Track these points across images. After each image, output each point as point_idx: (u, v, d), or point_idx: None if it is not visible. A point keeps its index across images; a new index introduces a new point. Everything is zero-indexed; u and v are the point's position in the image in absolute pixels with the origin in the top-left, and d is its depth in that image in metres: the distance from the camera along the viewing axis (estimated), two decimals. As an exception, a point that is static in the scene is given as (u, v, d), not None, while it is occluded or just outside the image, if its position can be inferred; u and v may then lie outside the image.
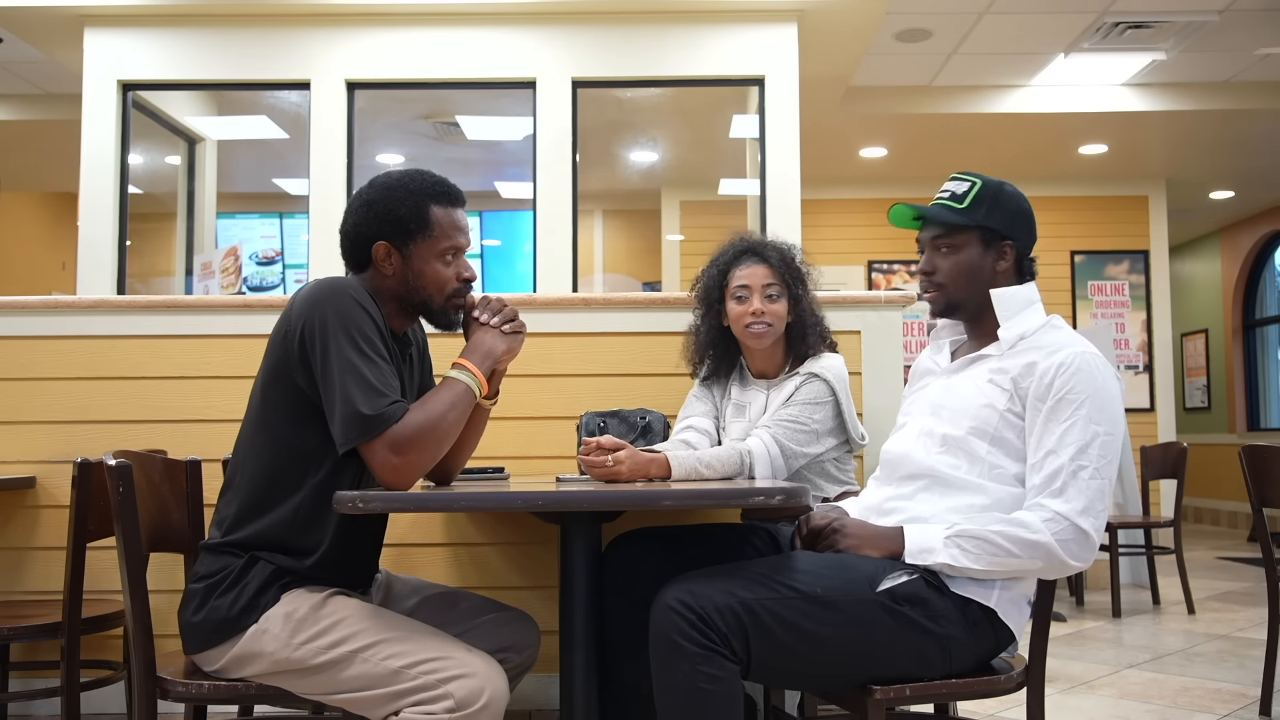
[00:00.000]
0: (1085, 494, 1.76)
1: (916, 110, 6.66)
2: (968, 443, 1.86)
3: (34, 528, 2.98)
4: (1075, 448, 1.77)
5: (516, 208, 6.82)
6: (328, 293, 1.81)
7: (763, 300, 2.41)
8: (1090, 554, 1.78)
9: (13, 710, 2.95)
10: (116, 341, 3.02)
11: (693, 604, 1.65)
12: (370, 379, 1.73)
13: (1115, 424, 1.80)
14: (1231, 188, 8.70)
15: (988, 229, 1.94)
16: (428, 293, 1.92)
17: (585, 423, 2.73)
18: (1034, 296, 1.96)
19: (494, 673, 1.71)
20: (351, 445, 1.71)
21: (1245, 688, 3.39)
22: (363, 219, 1.91)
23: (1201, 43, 5.76)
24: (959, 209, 1.94)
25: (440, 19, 4.97)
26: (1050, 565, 1.77)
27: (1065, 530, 1.75)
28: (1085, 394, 1.79)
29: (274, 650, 1.75)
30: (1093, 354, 1.83)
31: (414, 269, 1.91)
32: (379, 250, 1.90)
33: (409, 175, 1.93)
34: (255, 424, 1.87)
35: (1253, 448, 3.05)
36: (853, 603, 1.72)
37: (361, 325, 1.78)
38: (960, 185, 1.97)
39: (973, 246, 1.94)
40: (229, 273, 4.92)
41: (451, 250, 1.93)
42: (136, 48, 4.96)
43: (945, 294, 1.97)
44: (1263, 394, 9.74)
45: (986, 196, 1.94)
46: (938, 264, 1.97)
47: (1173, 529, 5.12)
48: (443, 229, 1.91)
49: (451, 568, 2.95)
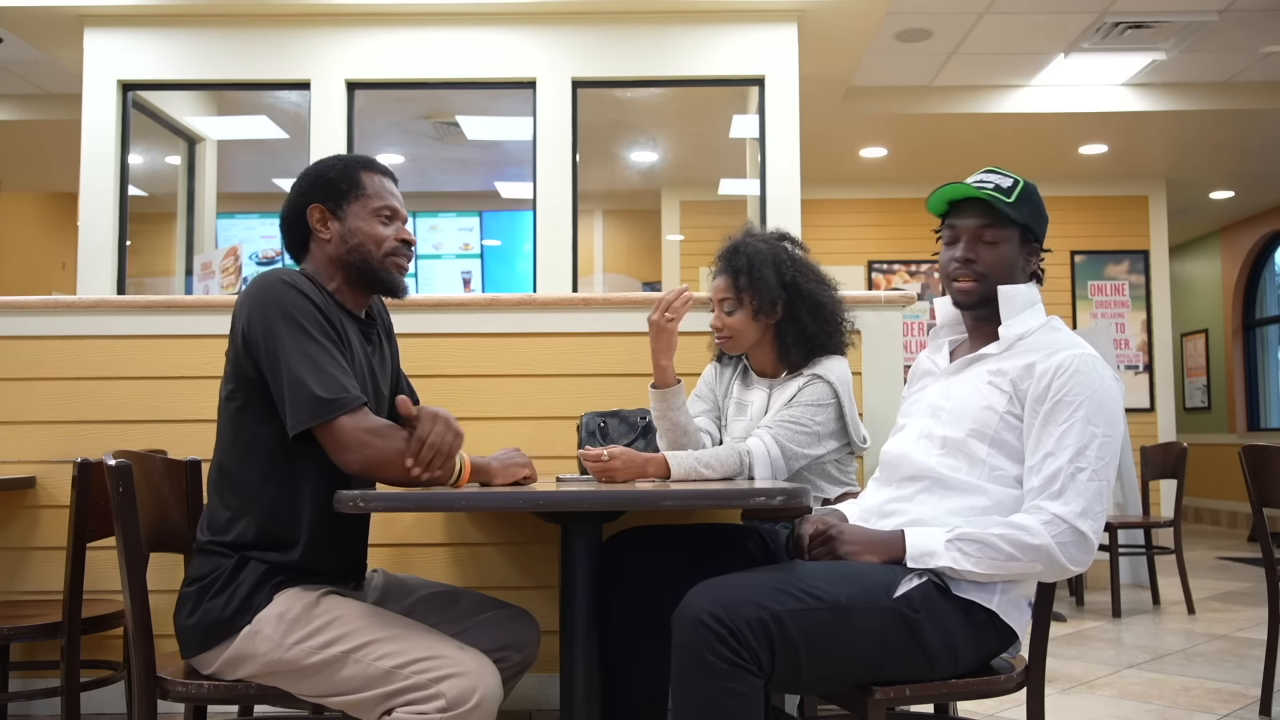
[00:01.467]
0: (1084, 496, 1.75)
1: (916, 110, 6.66)
2: (967, 445, 1.86)
3: (34, 528, 2.98)
4: (1073, 450, 1.77)
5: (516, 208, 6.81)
6: (264, 284, 1.83)
7: (720, 315, 2.44)
8: (1089, 557, 1.78)
9: (13, 710, 2.95)
10: (116, 341, 3.02)
11: (724, 618, 1.63)
12: (319, 361, 1.75)
13: (1114, 425, 1.80)
14: (1231, 188, 8.70)
15: (1028, 228, 1.93)
16: (366, 249, 1.94)
17: (585, 423, 2.73)
18: (1036, 298, 1.95)
19: (486, 671, 1.71)
20: (305, 426, 1.72)
21: (1245, 688, 3.39)
22: (295, 192, 1.97)
23: (1201, 43, 5.76)
24: (1008, 202, 1.91)
25: (440, 19, 4.97)
26: (1050, 568, 1.77)
27: (1064, 533, 1.75)
28: (1084, 396, 1.78)
29: (267, 651, 1.76)
30: (1092, 356, 1.83)
31: (350, 228, 1.94)
32: (314, 214, 1.94)
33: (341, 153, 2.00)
34: (223, 422, 1.90)
35: (1253, 448, 3.05)
36: (873, 610, 1.72)
37: (302, 309, 1.79)
38: (1004, 180, 1.93)
39: (1014, 243, 1.93)
40: (229, 273, 4.91)
41: (386, 210, 1.96)
42: (136, 48, 4.96)
43: (985, 284, 1.93)
44: (1263, 394, 9.74)
45: (1030, 196, 1.92)
46: (981, 253, 1.92)
47: (1173, 529, 5.12)
48: (374, 189, 1.96)
49: (452, 567, 2.95)
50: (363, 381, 1.89)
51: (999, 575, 1.78)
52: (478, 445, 2.12)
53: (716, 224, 7.22)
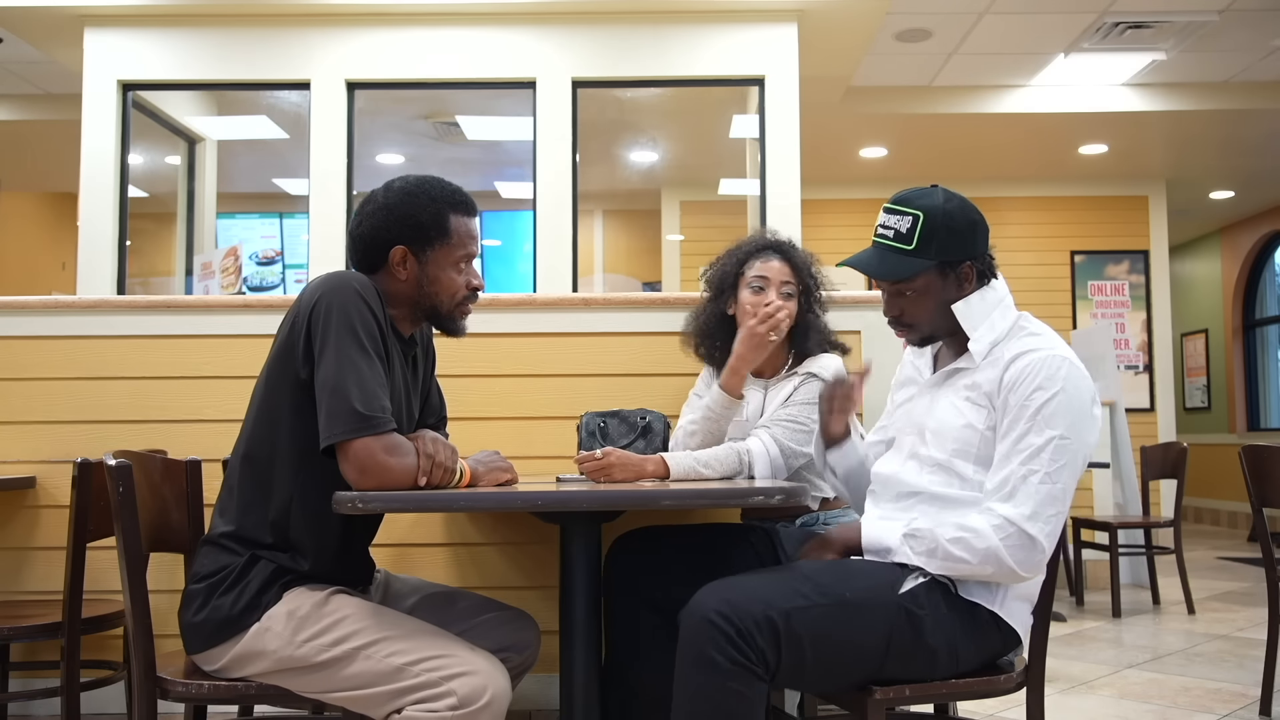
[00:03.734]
0: (1033, 499, 1.73)
1: (916, 110, 6.66)
2: (954, 465, 1.85)
3: (34, 528, 2.98)
4: (1027, 453, 1.75)
5: (516, 208, 6.82)
6: (338, 285, 1.81)
7: (779, 295, 2.41)
8: (1038, 562, 1.75)
9: (13, 710, 2.96)
10: (116, 341, 3.02)
11: (733, 617, 1.62)
12: (368, 378, 1.74)
13: (1075, 428, 1.76)
14: (1231, 188, 8.70)
15: (944, 262, 1.87)
16: (439, 299, 1.95)
17: (585, 423, 2.73)
18: (998, 296, 1.90)
19: (496, 671, 1.72)
20: (335, 440, 1.71)
21: (1245, 688, 3.39)
22: (382, 223, 1.92)
23: (1201, 43, 5.76)
24: (908, 251, 1.85)
25: (440, 19, 4.97)
26: (999, 571, 1.75)
27: (1012, 536, 1.73)
28: (1044, 398, 1.76)
29: (276, 648, 1.76)
30: (1058, 356, 1.80)
31: (429, 275, 1.93)
32: (396, 254, 1.91)
33: (429, 182, 1.95)
34: (256, 416, 1.88)
35: (1253, 448, 3.05)
36: (878, 606, 1.72)
37: (366, 322, 1.79)
38: (902, 221, 1.85)
39: (933, 283, 1.87)
40: (229, 273, 4.91)
41: (465, 258, 1.96)
42: (136, 48, 4.96)
43: (918, 331, 1.93)
44: (1263, 394, 9.74)
45: (935, 229, 1.84)
46: (904, 308, 1.91)
47: (1173, 529, 5.12)
48: (459, 238, 1.94)
49: (451, 568, 2.95)
50: (397, 407, 1.88)
51: (954, 575, 1.78)
52: (477, 445, 2.12)
53: (716, 224, 7.23)
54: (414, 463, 1.74)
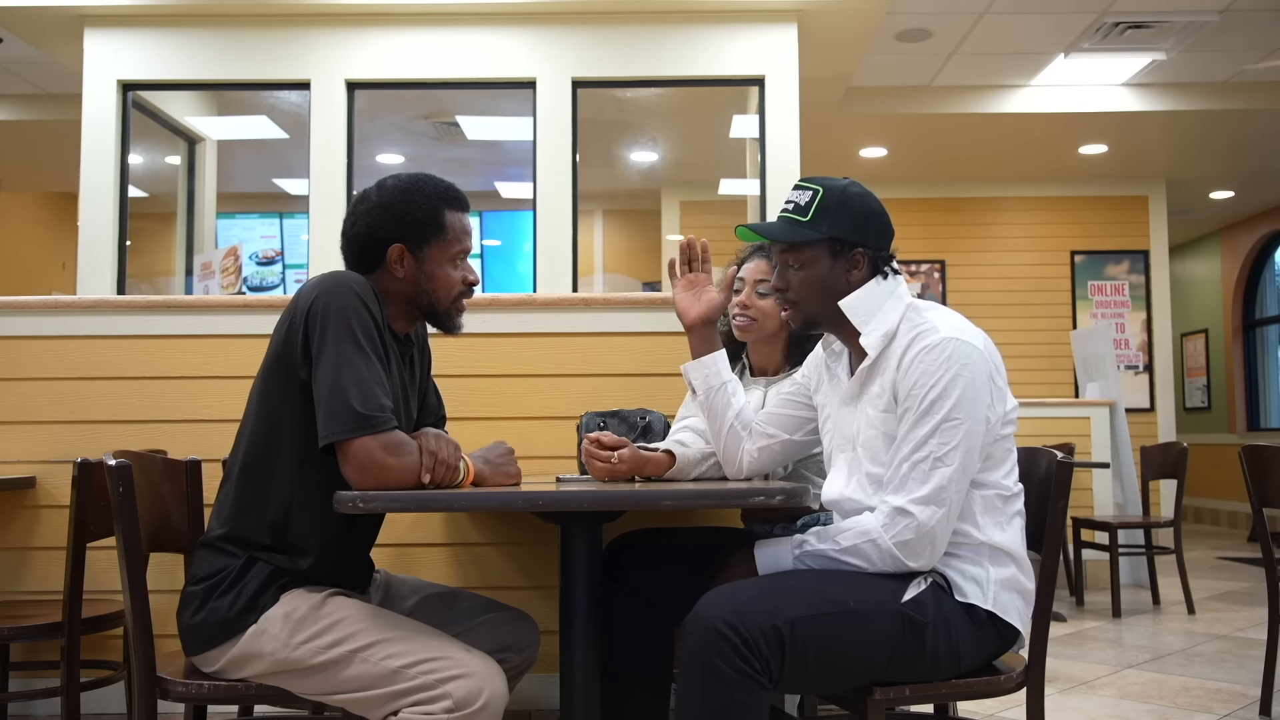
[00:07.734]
0: (923, 483, 1.73)
1: (916, 110, 6.66)
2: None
3: (34, 528, 2.98)
4: (914, 442, 1.75)
5: (516, 208, 6.83)
6: (334, 285, 1.81)
7: (751, 294, 2.42)
8: (929, 546, 1.74)
9: (13, 710, 2.95)
10: (116, 341, 3.02)
11: (739, 626, 1.62)
12: (366, 377, 1.74)
13: (964, 407, 1.74)
14: (1231, 188, 8.70)
15: (835, 239, 1.87)
16: (436, 295, 1.95)
17: (585, 423, 2.73)
18: (888, 290, 1.89)
19: (493, 673, 1.71)
20: (334, 439, 1.71)
21: (1245, 688, 3.39)
22: (377, 221, 1.92)
23: (1201, 43, 5.76)
24: (803, 222, 1.87)
25: (440, 19, 4.97)
26: (897, 567, 1.76)
27: (898, 525, 1.73)
28: (929, 384, 1.75)
29: (273, 650, 1.75)
30: (946, 339, 1.77)
31: (426, 272, 1.93)
32: (393, 252, 1.91)
33: (422, 179, 1.96)
34: (254, 418, 1.87)
35: (1253, 448, 3.05)
36: (882, 614, 1.72)
37: (364, 321, 1.79)
38: (803, 195, 1.89)
39: (821, 259, 1.88)
40: (229, 273, 4.92)
41: (461, 254, 1.97)
42: (136, 48, 4.96)
43: (800, 310, 1.92)
44: (1263, 394, 9.74)
45: (830, 205, 1.86)
46: (789, 279, 1.91)
47: (1173, 529, 5.12)
48: (455, 233, 1.95)
49: (451, 568, 2.95)
50: (395, 407, 1.88)
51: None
52: (477, 446, 2.12)
53: (716, 224, 7.22)
54: (414, 461, 1.74)
